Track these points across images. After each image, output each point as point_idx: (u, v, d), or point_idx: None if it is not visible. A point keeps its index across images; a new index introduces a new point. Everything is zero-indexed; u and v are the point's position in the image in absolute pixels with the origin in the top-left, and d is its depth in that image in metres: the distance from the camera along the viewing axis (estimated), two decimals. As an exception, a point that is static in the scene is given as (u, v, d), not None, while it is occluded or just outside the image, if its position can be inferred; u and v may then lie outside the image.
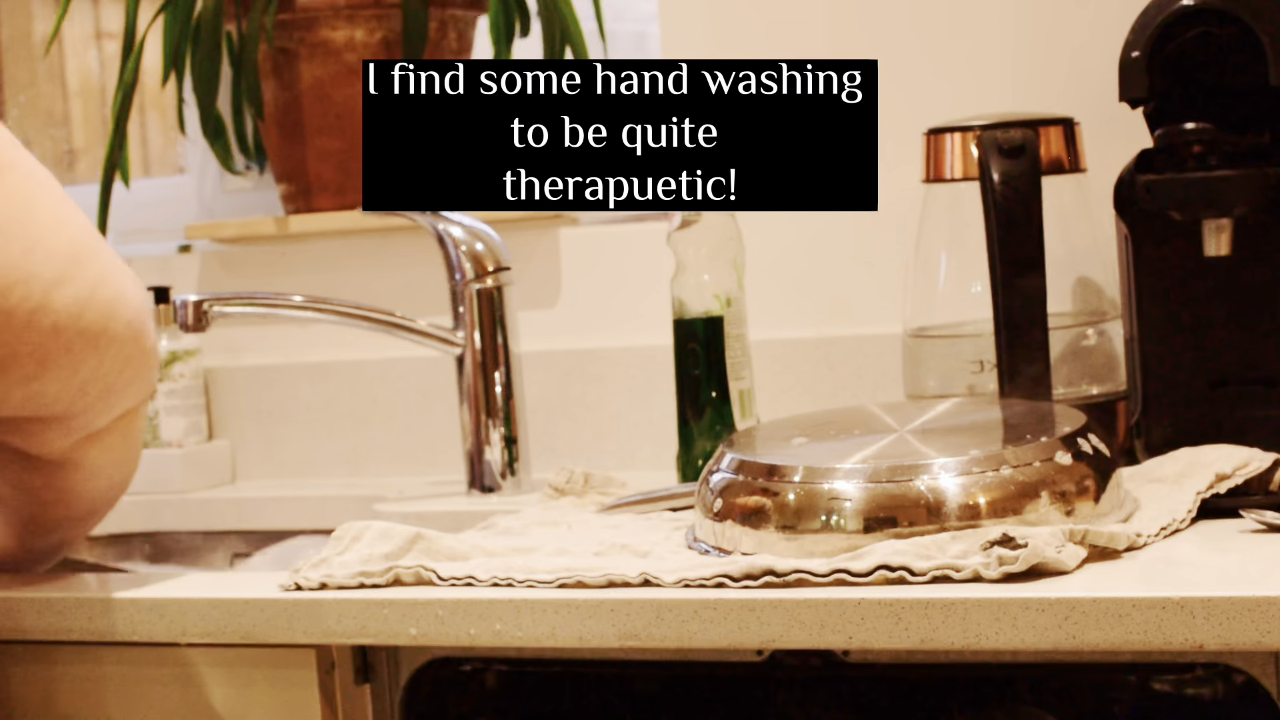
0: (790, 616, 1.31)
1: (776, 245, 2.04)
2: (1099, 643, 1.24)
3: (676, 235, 1.83)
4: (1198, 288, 1.65)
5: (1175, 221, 1.64)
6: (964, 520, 1.38)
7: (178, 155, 2.57)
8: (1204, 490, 1.48)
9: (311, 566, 1.48)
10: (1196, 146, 1.62)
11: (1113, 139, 1.74)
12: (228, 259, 2.34)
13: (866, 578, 1.32)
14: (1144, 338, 1.67)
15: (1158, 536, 1.41)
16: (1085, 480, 1.42)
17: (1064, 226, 1.77)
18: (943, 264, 1.83)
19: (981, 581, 1.30)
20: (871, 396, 1.96)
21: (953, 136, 1.78)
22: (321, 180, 2.26)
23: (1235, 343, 1.65)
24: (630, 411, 2.09)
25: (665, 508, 1.70)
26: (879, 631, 1.29)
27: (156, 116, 2.51)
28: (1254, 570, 1.31)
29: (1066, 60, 1.93)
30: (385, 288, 2.23)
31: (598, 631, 1.35)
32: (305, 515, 2.11)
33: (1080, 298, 1.81)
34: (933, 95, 1.97)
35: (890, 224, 1.96)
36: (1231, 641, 1.21)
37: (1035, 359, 1.65)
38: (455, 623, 1.40)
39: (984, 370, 1.75)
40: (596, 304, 2.17)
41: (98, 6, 2.59)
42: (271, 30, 2.19)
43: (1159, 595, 1.23)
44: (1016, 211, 1.65)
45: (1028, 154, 1.67)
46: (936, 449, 1.44)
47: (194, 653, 1.51)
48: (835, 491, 1.40)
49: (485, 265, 2.00)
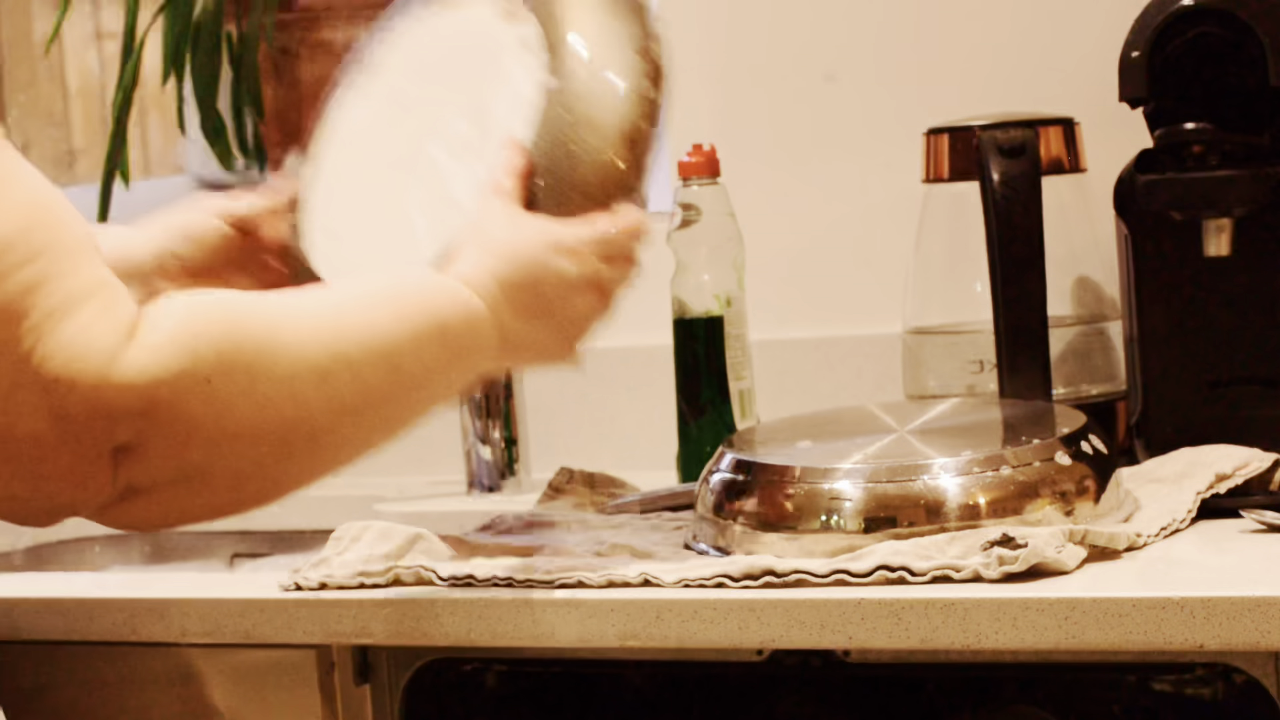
0: (790, 616, 1.31)
1: (776, 245, 2.04)
2: (1099, 643, 1.24)
3: (676, 235, 1.83)
4: (1198, 288, 1.65)
5: (1175, 221, 1.64)
6: (964, 520, 1.38)
7: (178, 155, 2.57)
8: (1204, 490, 1.48)
9: (311, 566, 1.48)
10: (1196, 146, 1.62)
11: (1113, 139, 1.74)
12: (228, 259, 2.34)
13: (866, 578, 1.32)
14: (1144, 338, 1.67)
15: (1158, 536, 1.41)
16: (1085, 480, 1.42)
17: (1064, 226, 1.76)
18: (943, 264, 1.83)
19: (981, 582, 1.30)
20: (871, 396, 1.96)
21: (953, 136, 1.78)
22: (321, 180, 2.26)
23: (1235, 343, 1.64)
24: (630, 411, 2.09)
25: (665, 507, 1.70)
26: (879, 631, 1.29)
27: (156, 116, 2.51)
28: (1254, 570, 1.31)
29: (1066, 60, 1.92)
30: (385, 288, 2.22)
31: (598, 631, 1.35)
32: (305, 515, 2.11)
33: (1080, 298, 1.81)
34: (933, 95, 1.97)
35: (890, 224, 1.96)
36: (1231, 641, 1.21)
37: (1035, 359, 1.65)
38: (455, 623, 1.40)
39: (984, 370, 1.75)
40: (596, 304, 2.16)
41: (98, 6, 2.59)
42: (271, 30, 2.19)
43: (1159, 595, 1.23)
44: (1016, 211, 1.65)
45: (1028, 154, 1.67)
46: (936, 449, 1.44)
47: (194, 653, 1.51)
48: (835, 491, 1.40)
49: (485, 265, 1.99)
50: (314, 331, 1.23)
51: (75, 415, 1.13)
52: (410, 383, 1.28)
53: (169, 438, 1.16)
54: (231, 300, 1.22)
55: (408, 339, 1.27)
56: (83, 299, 1.15)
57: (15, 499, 1.17)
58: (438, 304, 1.30)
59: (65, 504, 1.18)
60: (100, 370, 1.14)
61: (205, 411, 1.16)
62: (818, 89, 2.05)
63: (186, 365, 1.16)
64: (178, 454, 1.17)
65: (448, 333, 1.30)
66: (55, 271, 1.15)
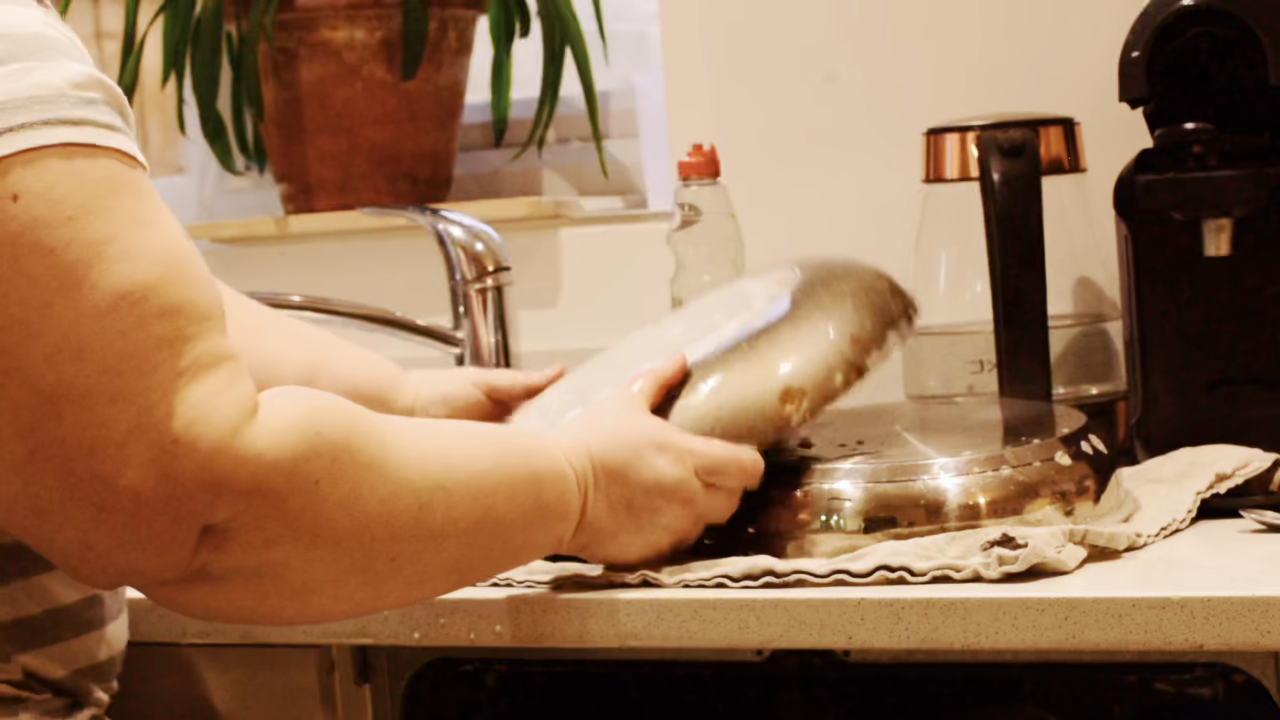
0: (790, 616, 1.31)
1: (776, 245, 2.04)
2: (1099, 643, 1.24)
3: (676, 235, 1.83)
4: (1198, 288, 1.65)
5: (1175, 221, 1.64)
6: (964, 520, 1.38)
7: (178, 155, 2.57)
8: (1204, 490, 1.48)
9: (311, 566, 1.48)
10: (1196, 146, 1.62)
11: (1113, 139, 1.74)
12: (228, 259, 2.34)
13: (866, 578, 1.32)
14: (1144, 338, 1.67)
15: (1158, 536, 1.41)
16: (1085, 480, 1.42)
17: (1064, 226, 1.76)
18: (943, 264, 1.83)
19: (981, 582, 1.30)
20: (871, 396, 1.96)
21: (953, 136, 1.78)
22: (321, 180, 2.26)
23: (1235, 343, 1.64)
24: (630, 411, 2.09)
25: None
26: (879, 631, 1.29)
27: (156, 116, 2.51)
28: (1254, 570, 1.31)
29: (1066, 60, 1.93)
30: (385, 288, 2.23)
31: (598, 631, 1.35)
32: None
33: (1080, 298, 1.81)
34: (933, 95, 1.97)
35: (890, 224, 1.95)
36: (1231, 641, 1.21)
37: (1035, 359, 1.65)
38: (455, 623, 1.40)
39: (984, 370, 1.75)
40: (596, 304, 2.17)
41: (98, 6, 2.59)
42: (271, 30, 2.19)
43: (1159, 595, 1.23)
44: (1016, 211, 1.65)
45: (1028, 154, 1.67)
46: (936, 449, 1.44)
47: (194, 653, 1.51)
48: (835, 491, 1.40)
49: (485, 265, 2.00)
50: (421, 459, 1.22)
51: (183, 479, 1.12)
52: (496, 528, 1.27)
53: (260, 529, 1.15)
54: (353, 408, 1.21)
55: (504, 483, 1.27)
56: (211, 366, 1.14)
57: (90, 550, 1.15)
58: (535, 458, 1.30)
59: (136, 569, 1.15)
60: (221, 440, 1.12)
61: (303, 512, 1.15)
62: (818, 89, 2.05)
63: (302, 458, 1.15)
64: (262, 549, 1.15)
65: (541, 488, 1.30)
66: (188, 333, 1.14)
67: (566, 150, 2.36)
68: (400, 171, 2.26)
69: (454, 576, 1.29)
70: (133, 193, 1.17)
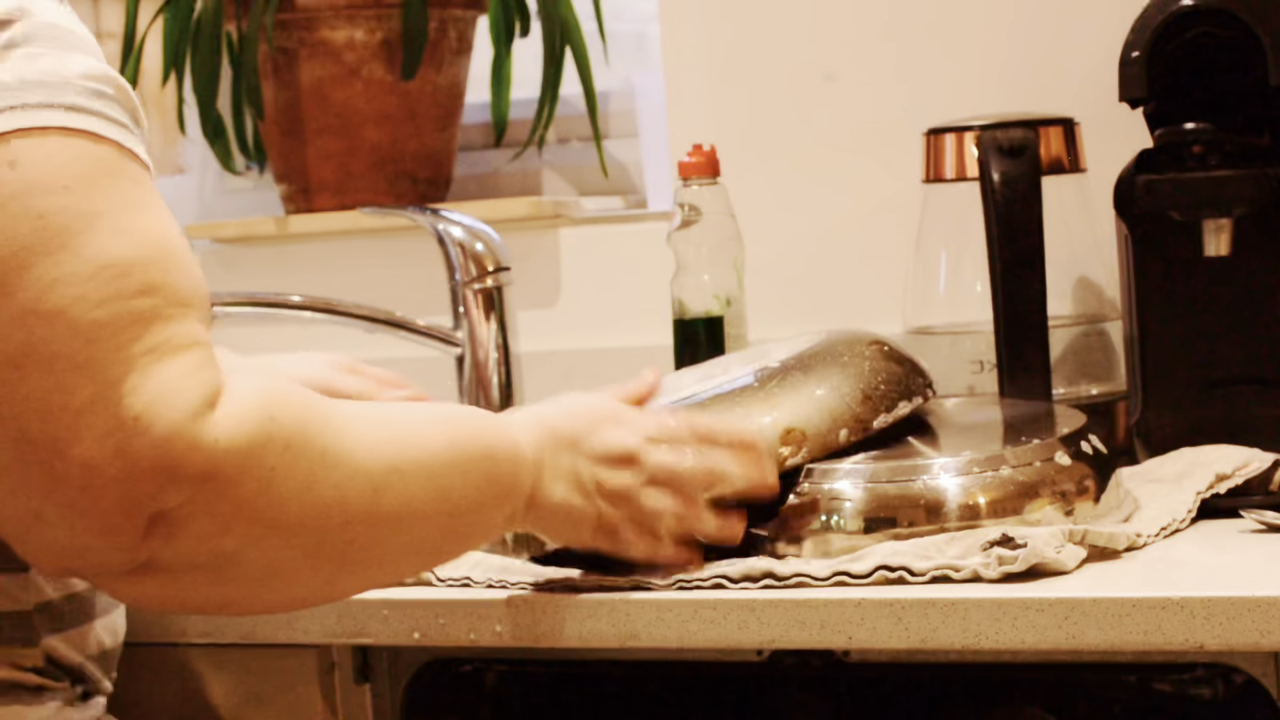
0: (790, 617, 1.31)
1: (776, 245, 2.04)
2: (1099, 643, 1.24)
3: (676, 235, 1.83)
4: (1198, 288, 1.65)
5: (1175, 221, 1.64)
6: (964, 520, 1.38)
7: (178, 155, 2.57)
8: (1204, 490, 1.48)
9: (311, 567, 1.48)
10: (1196, 146, 1.62)
11: (1113, 139, 1.74)
12: (228, 259, 2.34)
13: (866, 579, 1.32)
14: (1144, 338, 1.67)
15: (1158, 536, 1.41)
16: (1085, 480, 1.42)
17: (1064, 226, 1.76)
18: (943, 264, 1.83)
19: (981, 582, 1.30)
20: (871, 396, 1.96)
21: (952, 136, 1.78)
22: (321, 180, 2.26)
23: (1235, 343, 1.64)
24: (630, 411, 2.09)
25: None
26: (879, 631, 1.29)
27: (156, 116, 2.51)
28: (1254, 570, 1.31)
29: (1066, 60, 1.93)
30: (385, 288, 2.23)
31: (598, 631, 1.35)
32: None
33: (1080, 298, 1.81)
34: (933, 95, 1.97)
35: (890, 224, 1.96)
36: (1231, 641, 1.21)
37: (1035, 359, 1.65)
38: (455, 623, 1.40)
39: (984, 370, 1.75)
40: (596, 304, 2.17)
41: (98, 6, 2.59)
42: (271, 30, 2.19)
43: (1159, 595, 1.23)
44: (1016, 211, 1.65)
45: (1028, 154, 1.67)
46: (936, 449, 1.44)
47: (194, 653, 1.51)
48: (835, 491, 1.40)
49: (485, 265, 2.00)
50: (374, 443, 1.22)
51: (136, 458, 1.11)
52: (451, 508, 1.27)
53: (212, 518, 1.14)
54: (309, 395, 1.21)
55: (457, 463, 1.27)
56: (181, 349, 1.14)
57: (39, 519, 1.14)
58: (489, 437, 1.30)
59: (81, 548, 1.14)
60: (179, 422, 1.12)
61: (257, 498, 1.15)
62: (818, 89, 2.05)
63: (258, 445, 1.14)
64: (213, 539, 1.15)
65: (494, 462, 1.29)
66: (165, 314, 1.14)
67: (566, 150, 2.36)
68: (400, 171, 2.26)
69: (413, 559, 1.28)
70: (131, 179, 1.18)
